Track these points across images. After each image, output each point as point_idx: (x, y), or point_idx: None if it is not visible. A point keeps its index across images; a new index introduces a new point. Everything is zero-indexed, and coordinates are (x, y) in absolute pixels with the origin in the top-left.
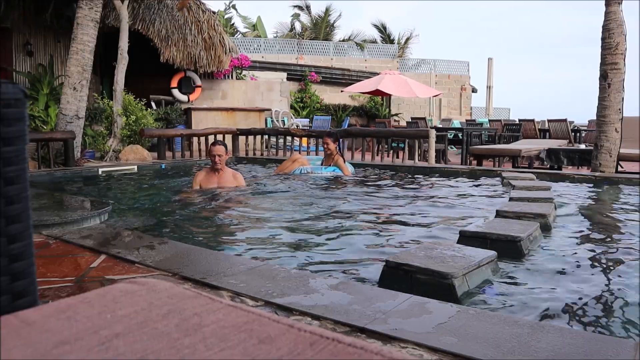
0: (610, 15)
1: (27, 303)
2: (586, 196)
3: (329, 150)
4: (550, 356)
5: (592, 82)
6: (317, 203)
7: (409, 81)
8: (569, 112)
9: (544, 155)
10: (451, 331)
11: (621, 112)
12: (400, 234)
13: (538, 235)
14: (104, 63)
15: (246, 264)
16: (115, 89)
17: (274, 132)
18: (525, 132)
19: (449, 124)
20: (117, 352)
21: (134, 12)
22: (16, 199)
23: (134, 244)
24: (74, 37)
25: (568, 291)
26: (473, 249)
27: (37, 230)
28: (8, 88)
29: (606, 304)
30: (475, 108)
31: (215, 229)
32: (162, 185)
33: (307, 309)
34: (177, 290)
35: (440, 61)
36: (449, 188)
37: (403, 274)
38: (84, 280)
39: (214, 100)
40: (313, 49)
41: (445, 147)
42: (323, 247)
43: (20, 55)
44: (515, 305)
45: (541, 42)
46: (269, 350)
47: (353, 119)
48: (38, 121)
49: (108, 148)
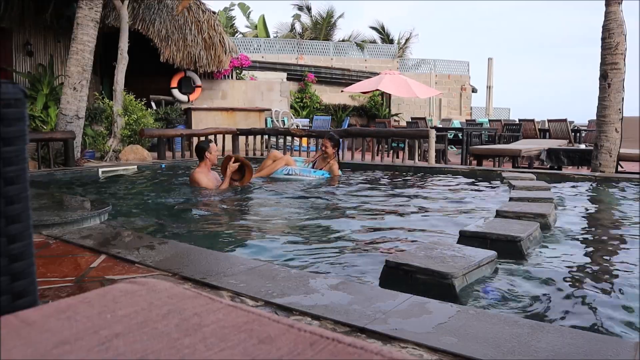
0: (610, 15)
1: (27, 303)
2: (586, 196)
3: (326, 153)
4: (550, 356)
5: (592, 82)
6: (317, 203)
7: (408, 81)
8: (569, 112)
9: (544, 155)
10: (451, 331)
11: (621, 112)
12: (400, 234)
13: (538, 235)
14: (104, 63)
15: (246, 264)
16: (115, 89)
17: (274, 132)
18: (525, 132)
19: (449, 124)
20: (117, 352)
21: (134, 12)
22: (16, 199)
23: (134, 244)
24: (74, 37)
25: (568, 291)
26: (473, 249)
27: (37, 230)
28: (8, 88)
29: (606, 304)
30: (475, 108)
31: (215, 229)
32: (162, 185)
33: (307, 309)
34: (177, 290)
35: (440, 61)
36: (449, 188)
37: (403, 274)
38: (84, 280)
39: (214, 100)
40: (313, 49)
41: (445, 147)
42: (323, 247)
43: (20, 55)
44: (515, 305)
45: (541, 42)
46: (269, 350)
47: (353, 119)
48: (38, 121)
49: (108, 148)
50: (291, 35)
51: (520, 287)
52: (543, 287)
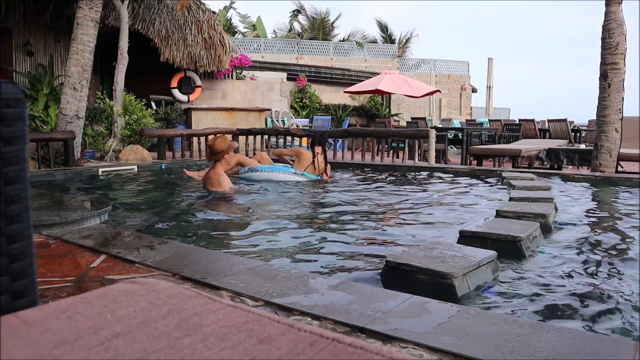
0: (610, 15)
1: (27, 303)
2: (586, 196)
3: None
4: (550, 356)
5: (592, 82)
6: (317, 203)
7: (408, 80)
8: (569, 112)
9: (544, 155)
10: (451, 331)
11: (621, 112)
12: (400, 234)
13: (538, 235)
14: (104, 63)
15: (246, 264)
16: (115, 89)
17: (274, 132)
18: (525, 132)
19: (449, 124)
20: (117, 352)
21: (134, 12)
22: (16, 199)
23: (134, 244)
24: (74, 37)
25: (568, 291)
26: (473, 249)
27: (37, 230)
28: (8, 88)
29: (606, 304)
30: (475, 108)
31: (215, 229)
32: (162, 185)
33: (307, 309)
34: (177, 290)
35: (440, 61)
36: (448, 188)
37: (403, 274)
38: (84, 280)
39: (214, 100)
40: (313, 49)
41: (445, 147)
42: (323, 247)
43: (20, 55)
44: (515, 305)
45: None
46: (269, 350)
47: (353, 119)
48: (38, 121)
49: (108, 148)
50: (290, 36)
51: (520, 287)
52: (543, 287)
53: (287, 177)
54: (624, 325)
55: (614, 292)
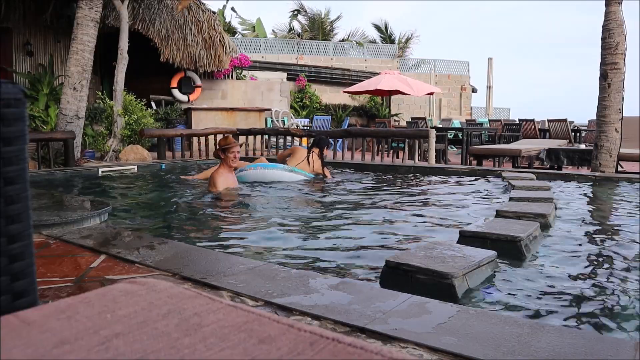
0: (610, 15)
1: (27, 303)
2: (586, 196)
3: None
4: (550, 356)
5: (592, 82)
6: (317, 203)
7: (408, 80)
8: (569, 112)
9: (544, 155)
10: (451, 331)
11: (621, 112)
12: (400, 234)
13: (538, 235)
14: (104, 63)
15: (246, 264)
16: (115, 89)
17: (274, 132)
18: (525, 132)
19: (449, 124)
20: (117, 352)
21: (134, 12)
22: (16, 199)
23: (134, 244)
24: (74, 37)
25: (568, 291)
26: (473, 248)
27: (37, 230)
28: (8, 88)
29: (606, 304)
30: (475, 108)
31: (215, 229)
32: (162, 185)
33: (307, 309)
34: (177, 290)
35: (440, 61)
36: (448, 188)
37: (403, 274)
38: (84, 280)
39: (214, 100)
40: (313, 49)
41: (445, 147)
42: (323, 247)
43: (20, 55)
44: (515, 305)
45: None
46: (269, 350)
47: (353, 119)
48: (38, 121)
49: (108, 148)
50: (290, 36)
51: (520, 287)
52: (543, 287)
53: (278, 173)
54: (624, 325)
55: (614, 292)
